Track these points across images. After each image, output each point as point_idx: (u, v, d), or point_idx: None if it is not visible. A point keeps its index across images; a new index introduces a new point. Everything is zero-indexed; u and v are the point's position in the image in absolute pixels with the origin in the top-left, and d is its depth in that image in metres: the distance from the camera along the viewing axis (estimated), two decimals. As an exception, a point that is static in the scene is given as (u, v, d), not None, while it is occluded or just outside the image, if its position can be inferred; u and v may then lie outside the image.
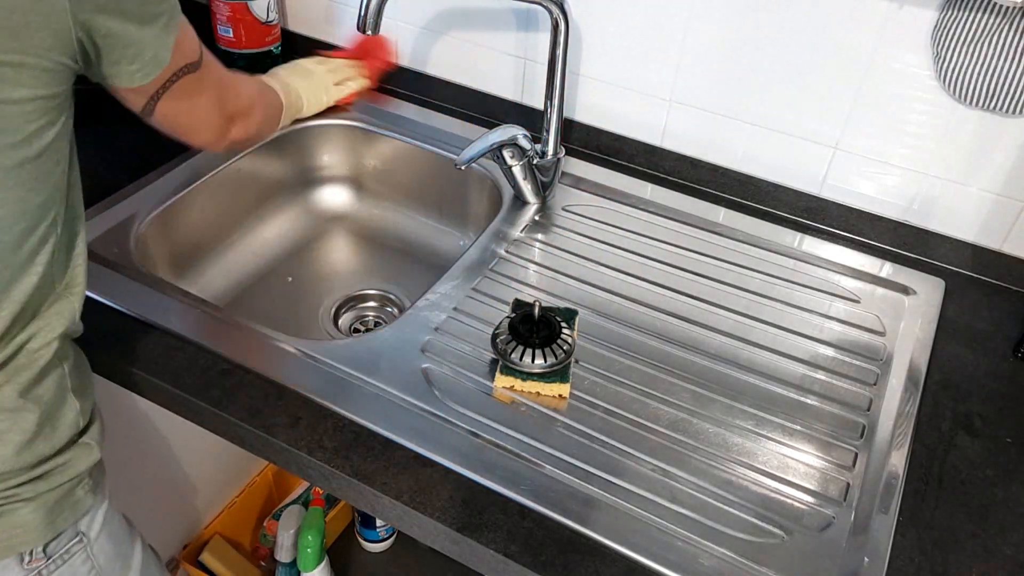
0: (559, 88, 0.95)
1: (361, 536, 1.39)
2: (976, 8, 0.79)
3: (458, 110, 1.17)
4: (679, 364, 0.80)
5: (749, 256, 0.95)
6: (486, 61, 1.10)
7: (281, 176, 1.13)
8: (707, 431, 0.74)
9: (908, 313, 0.89)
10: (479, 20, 1.07)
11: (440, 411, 0.73)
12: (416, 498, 0.67)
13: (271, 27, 1.16)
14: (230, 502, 1.31)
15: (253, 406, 0.73)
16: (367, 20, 0.82)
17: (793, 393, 0.79)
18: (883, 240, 0.98)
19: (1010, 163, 0.87)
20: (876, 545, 0.66)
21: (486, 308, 0.85)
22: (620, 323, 0.84)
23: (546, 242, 0.95)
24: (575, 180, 1.05)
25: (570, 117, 1.09)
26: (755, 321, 0.86)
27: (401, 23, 1.13)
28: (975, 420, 0.78)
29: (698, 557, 0.64)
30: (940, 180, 0.92)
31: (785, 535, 0.66)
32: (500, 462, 0.69)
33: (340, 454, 0.70)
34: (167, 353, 0.77)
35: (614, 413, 0.75)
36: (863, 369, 0.82)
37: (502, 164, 0.95)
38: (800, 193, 1.00)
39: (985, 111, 0.85)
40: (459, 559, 0.67)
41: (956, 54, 0.82)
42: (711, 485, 0.69)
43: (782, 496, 0.69)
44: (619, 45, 1.00)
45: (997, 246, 0.93)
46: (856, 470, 0.72)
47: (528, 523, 0.66)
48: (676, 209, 1.01)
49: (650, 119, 1.04)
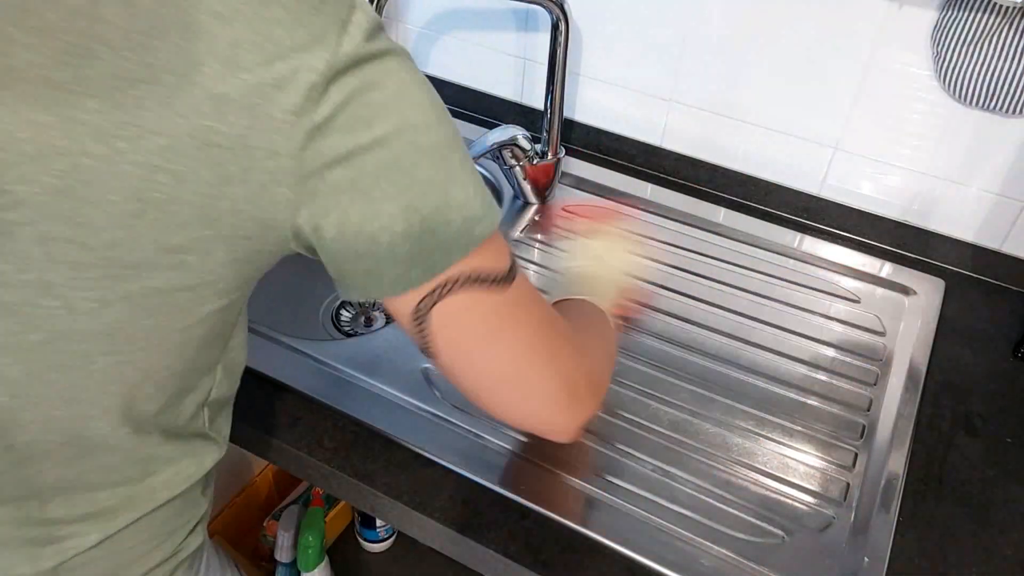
0: (559, 88, 0.95)
1: (361, 536, 1.39)
2: (976, 8, 0.79)
3: (458, 110, 1.17)
4: (679, 364, 0.80)
5: (749, 256, 0.95)
6: (486, 61, 1.10)
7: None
8: (707, 431, 0.74)
9: (908, 313, 0.89)
10: (479, 20, 1.07)
11: (440, 411, 0.73)
12: (416, 498, 0.67)
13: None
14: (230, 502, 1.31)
15: (253, 406, 0.73)
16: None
17: (793, 393, 0.79)
18: (883, 240, 0.98)
19: (1010, 163, 0.87)
20: (876, 545, 0.66)
21: (486, 308, 0.85)
22: (620, 323, 0.84)
23: (546, 242, 0.95)
24: (575, 180, 1.05)
25: (570, 117, 1.09)
26: (755, 321, 0.86)
27: (401, 23, 1.13)
28: (975, 420, 0.78)
29: (698, 557, 0.64)
30: (940, 180, 0.92)
31: (785, 535, 0.66)
32: (500, 462, 0.69)
33: (340, 454, 0.70)
34: (167, 353, 0.77)
35: (614, 413, 0.75)
36: (863, 369, 0.82)
37: (502, 164, 0.95)
38: (800, 193, 1.00)
39: (985, 111, 0.85)
40: (459, 559, 0.67)
41: (956, 54, 0.82)
42: (711, 485, 0.69)
43: (782, 496, 0.69)
44: (619, 45, 1.00)
45: (997, 246, 0.93)
46: (856, 470, 0.72)
47: (528, 523, 0.66)
48: (676, 209, 1.01)
49: (650, 119, 1.04)
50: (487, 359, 0.49)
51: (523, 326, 0.49)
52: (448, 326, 0.47)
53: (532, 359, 0.50)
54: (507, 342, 0.49)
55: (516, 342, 0.49)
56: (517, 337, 0.49)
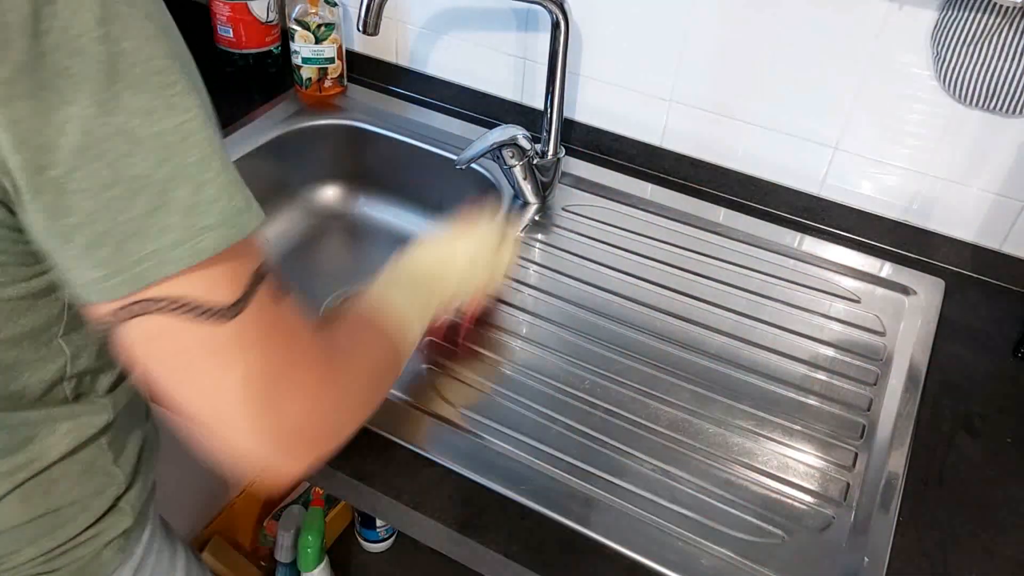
0: (559, 88, 0.95)
1: (361, 536, 1.39)
2: (976, 8, 0.79)
3: (458, 110, 1.17)
4: (679, 364, 0.80)
5: (749, 256, 0.95)
6: (486, 61, 1.10)
7: (281, 176, 1.13)
8: (707, 431, 0.74)
9: (908, 313, 0.89)
10: (479, 20, 1.07)
11: (440, 411, 0.73)
12: (416, 498, 0.67)
13: (271, 27, 1.16)
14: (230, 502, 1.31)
15: (253, 406, 0.73)
16: (367, 20, 0.82)
17: (793, 393, 0.79)
18: (883, 240, 0.98)
19: (1010, 163, 0.87)
20: (876, 545, 0.66)
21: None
22: (620, 323, 0.84)
23: (546, 242, 0.95)
24: (575, 180, 1.05)
25: (570, 117, 1.09)
26: (755, 321, 0.86)
27: (401, 23, 1.13)
28: (975, 420, 0.78)
29: (698, 557, 0.64)
30: (940, 180, 0.92)
31: (785, 535, 0.66)
32: (500, 462, 0.69)
33: (340, 454, 0.69)
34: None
35: (614, 413, 0.75)
36: (863, 369, 0.82)
37: (502, 164, 0.95)
38: (800, 193, 1.00)
39: (985, 111, 0.85)
40: (459, 559, 0.67)
41: (956, 54, 0.82)
42: (711, 485, 0.69)
43: (782, 496, 0.69)
44: (619, 45, 1.00)
45: (997, 246, 0.93)
46: (856, 470, 0.72)
47: (528, 523, 0.66)
48: (676, 209, 1.01)
49: (650, 119, 1.04)
50: (178, 394, 0.43)
51: (231, 369, 0.42)
52: (138, 346, 0.41)
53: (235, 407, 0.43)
54: (205, 382, 0.42)
55: (217, 385, 0.42)
56: (219, 380, 0.42)
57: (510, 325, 0.83)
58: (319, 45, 1.10)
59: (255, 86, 1.17)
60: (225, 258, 0.40)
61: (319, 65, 1.12)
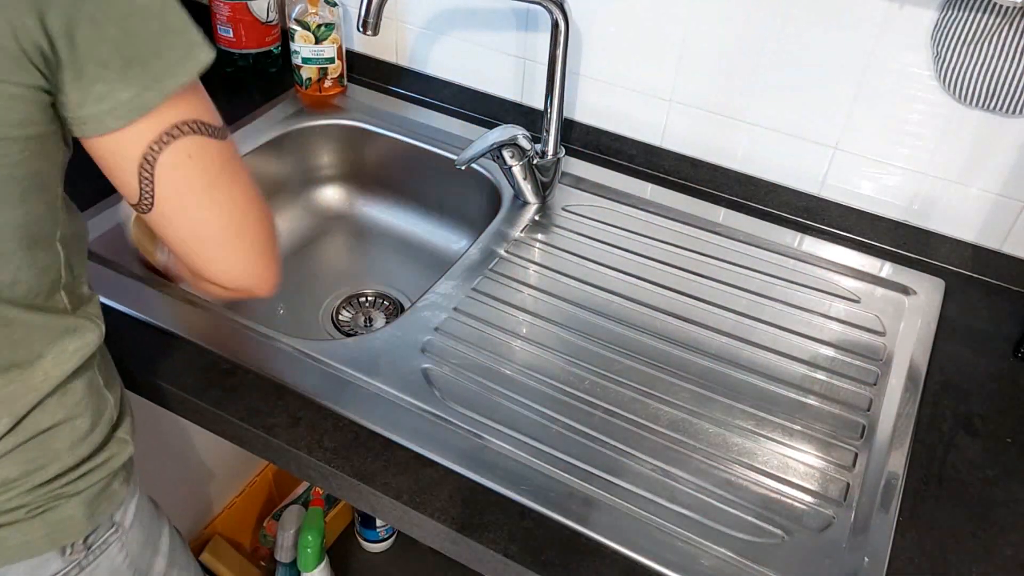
0: (559, 88, 0.95)
1: (361, 536, 1.39)
2: (976, 8, 0.79)
3: (458, 110, 1.17)
4: (679, 364, 0.80)
5: (749, 256, 0.95)
6: (486, 61, 1.10)
7: (281, 176, 1.13)
8: (707, 431, 0.74)
9: (908, 313, 0.89)
10: (479, 20, 1.07)
11: (440, 411, 0.73)
12: (416, 498, 0.67)
13: (271, 27, 1.16)
14: (230, 502, 1.31)
15: (253, 406, 0.73)
16: (367, 20, 0.82)
17: (793, 393, 0.79)
18: (883, 240, 0.98)
19: (1010, 163, 0.87)
20: (876, 545, 0.66)
21: (486, 308, 0.85)
22: (620, 323, 0.84)
23: (546, 242, 0.95)
24: (575, 180, 1.05)
25: (570, 117, 1.09)
26: (755, 321, 0.86)
27: (401, 23, 1.13)
28: (975, 420, 0.78)
29: (698, 557, 0.64)
30: (940, 180, 0.92)
31: (785, 535, 0.66)
32: (500, 462, 0.69)
33: (340, 454, 0.70)
34: (167, 353, 0.77)
35: (614, 413, 0.75)
36: (863, 369, 0.82)
37: (502, 164, 0.95)
38: (800, 193, 1.00)
39: (985, 111, 0.85)
40: (459, 559, 0.67)
41: (956, 54, 0.82)
42: (711, 485, 0.69)
43: (782, 496, 0.69)
44: (619, 45, 1.00)
45: (997, 246, 0.93)
46: (856, 470, 0.72)
47: (528, 523, 0.66)
48: (676, 209, 1.01)
49: (650, 119, 1.04)
50: (205, 209, 0.54)
51: (237, 181, 0.54)
52: (174, 172, 0.51)
53: (246, 212, 0.55)
54: (225, 194, 0.54)
55: (232, 195, 0.54)
56: (232, 190, 0.54)
57: (510, 325, 0.83)
58: (319, 45, 1.10)
59: (255, 86, 1.17)
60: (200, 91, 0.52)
61: (319, 65, 1.12)
